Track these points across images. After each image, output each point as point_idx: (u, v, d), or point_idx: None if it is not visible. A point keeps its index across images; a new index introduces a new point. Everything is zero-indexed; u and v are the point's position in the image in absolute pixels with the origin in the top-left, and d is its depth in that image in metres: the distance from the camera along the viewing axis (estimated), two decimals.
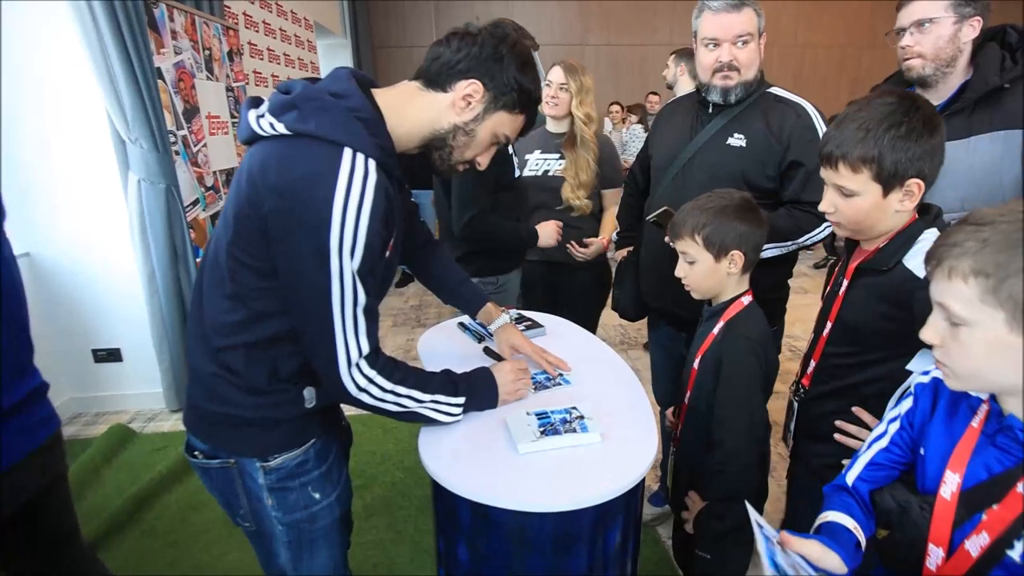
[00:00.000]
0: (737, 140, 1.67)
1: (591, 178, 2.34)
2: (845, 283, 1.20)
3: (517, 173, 2.20)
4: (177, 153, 2.96)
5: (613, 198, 2.46)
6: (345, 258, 0.93)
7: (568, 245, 2.34)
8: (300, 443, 1.10)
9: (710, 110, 1.72)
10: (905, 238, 1.10)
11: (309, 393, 1.08)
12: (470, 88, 1.04)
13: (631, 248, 2.07)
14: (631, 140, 5.89)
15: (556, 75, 2.26)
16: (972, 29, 1.39)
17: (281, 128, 0.94)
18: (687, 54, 3.50)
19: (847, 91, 7.49)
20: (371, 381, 1.02)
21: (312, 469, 1.12)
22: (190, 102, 3.11)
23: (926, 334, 0.78)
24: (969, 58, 1.43)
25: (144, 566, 2.06)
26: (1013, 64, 1.39)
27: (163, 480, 2.49)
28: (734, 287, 1.32)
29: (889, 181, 1.04)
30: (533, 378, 1.39)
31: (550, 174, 2.37)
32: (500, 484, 1.04)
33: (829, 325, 1.22)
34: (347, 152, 0.92)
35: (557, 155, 2.37)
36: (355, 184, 0.91)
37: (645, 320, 2.13)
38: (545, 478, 1.05)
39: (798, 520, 1.39)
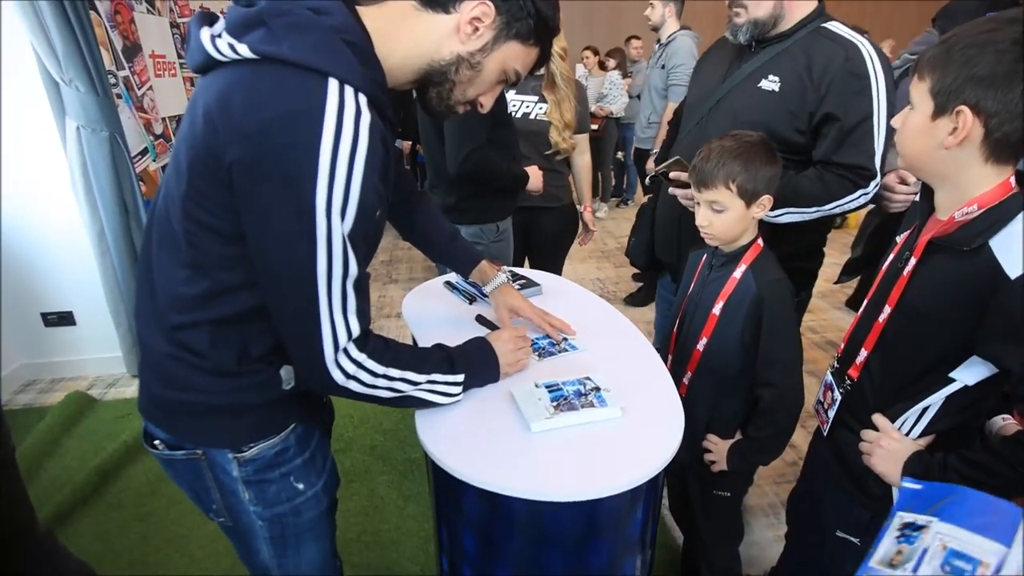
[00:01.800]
0: (770, 83, 1.42)
1: (574, 116, 2.24)
2: (913, 261, 0.97)
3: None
4: (119, 96, 2.64)
5: (583, 144, 2.44)
6: (335, 219, 0.73)
7: (578, 242, 2.56)
8: (278, 429, 0.94)
9: (752, 48, 1.48)
10: (997, 214, 0.86)
11: (286, 373, 0.91)
12: (478, 10, 0.83)
13: (651, 195, 1.90)
14: (611, 89, 5.46)
15: None
16: None
17: (244, 51, 0.72)
18: None
19: None
20: (360, 366, 0.85)
21: (293, 457, 0.96)
22: (130, 38, 2.76)
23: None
24: None
25: (113, 542, 1.91)
26: None
27: (128, 449, 2.32)
28: (752, 231, 1.28)
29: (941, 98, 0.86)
30: (535, 343, 1.25)
31: (531, 118, 2.21)
32: (511, 469, 0.90)
33: (888, 309, 1.01)
34: (333, 84, 0.72)
35: (536, 97, 2.20)
36: (346, 125, 0.71)
37: (623, 274, 2.00)
38: (563, 461, 0.92)
39: (805, 493, 1.32)
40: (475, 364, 1.06)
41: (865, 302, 1.11)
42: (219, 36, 0.74)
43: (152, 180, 2.88)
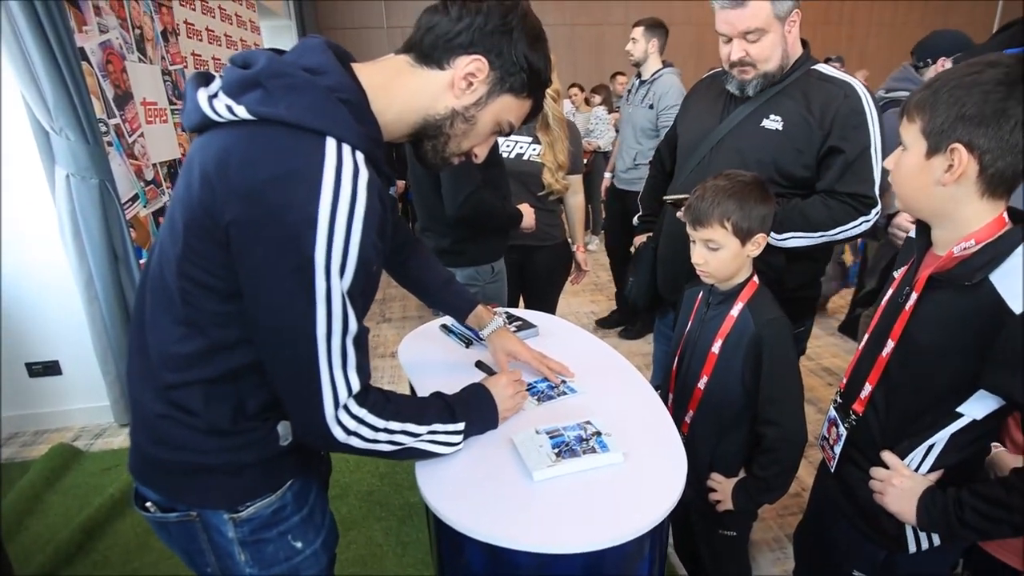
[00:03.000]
0: (773, 123, 1.49)
1: (567, 157, 2.27)
2: (915, 295, 0.98)
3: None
4: (110, 144, 2.65)
5: (576, 185, 2.47)
6: (334, 277, 0.73)
7: (571, 281, 2.57)
8: (275, 487, 0.92)
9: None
10: (996, 250, 0.88)
11: (283, 428, 0.90)
12: (473, 66, 0.85)
13: (650, 234, 1.92)
14: (596, 125, 5.57)
15: None
16: None
17: (242, 112, 0.73)
18: (658, 26, 3.24)
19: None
20: (361, 422, 0.84)
21: (291, 515, 0.94)
22: (121, 87, 2.79)
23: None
24: None
25: None
26: None
27: (115, 503, 2.24)
28: (748, 268, 1.30)
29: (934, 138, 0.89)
30: (533, 387, 1.24)
31: (525, 158, 2.24)
32: (515, 520, 0.89)
33: (891, 344, 1.01)
34: (330, 143, 0.73)
35: (530, 138, 2.23)
36: (344, 183, 0.72)
37: (603, 324, 2.02)
38: (567, 510, 0.91)
39: (814, 529, 1.30)
40: (475, 412, 1.05)
41: (866, 336, 1.12)
42: (215, 96, 0.75)
43: (142, 226, 2.87)
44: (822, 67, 1.52)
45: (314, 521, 0.98)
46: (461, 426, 1.00)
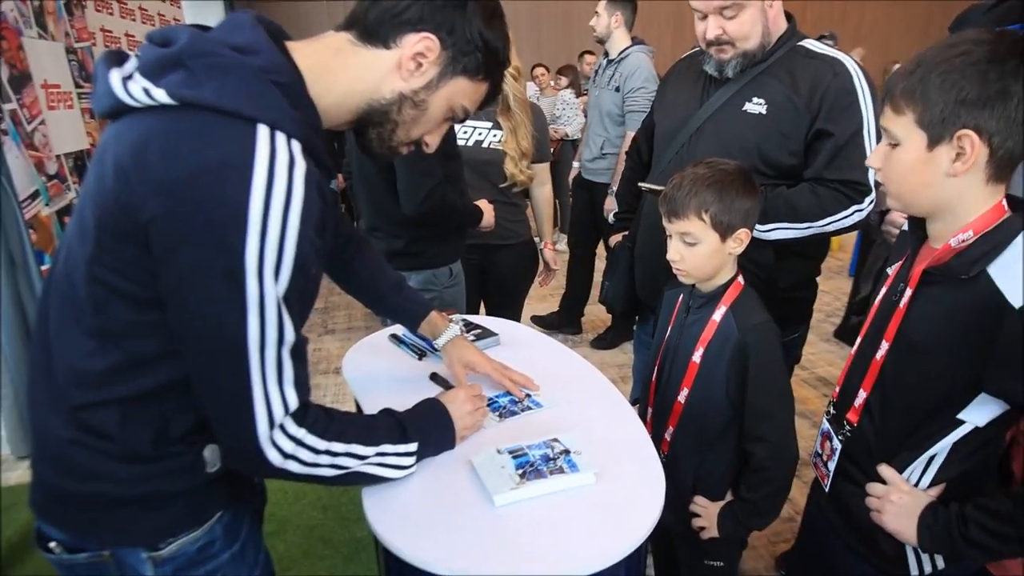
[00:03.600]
0: (756, 106, 1.52)
1: (531, 144, 2.27)
2: (909, 292, 1.00)
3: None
4: (5, 132, 2.57)
5: (543, 175, 2.47)
6: (267, 280, 0.73)
7: (539, 282, 2.60)
8: (201, 520, 0.90)
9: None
10: (994, 240, 0.90)
11: (211, 453, 0.88)
12: (422, 44, 0.86)
13: (626, 232, 1.95)
14: (563, 110, 5.65)
15: None
16: None
17: (161, 96, 0.72)
18: (622, 1, 3.28)
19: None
20: (300, 443, 0.83)
21: (220, 551, 0.93)
22: (18, 67, 2.70)
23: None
24: None
25: None
26: None
27: (12, 548, 2.18)
28: (731, 268, 1.31)
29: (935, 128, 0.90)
30: (495, 402, 1.25)
31: (484, 146, 2.24)
32: (475, 551, 0.90)
33: (885, 345, 1.03)
34: (263, 131, 0.72)
35: (489, 123, 2.24)
36: (278, 176, 0.72)
37: (588, 314, 2.03)
38: (532, 538, 0.92)
39: (807, 556, 1.33)
40: (429, 430, 1.05)
41: (859, 339, 1.14)
42: (131, 78, 0.74)
43: (44, 227, 2.79)
44: (809, 43, 1.55)
45: (246, 558, 0.97)
46: (414, 447, 1.00)
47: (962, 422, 0.97)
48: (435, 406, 1.09)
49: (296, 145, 0.75)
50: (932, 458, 1.00)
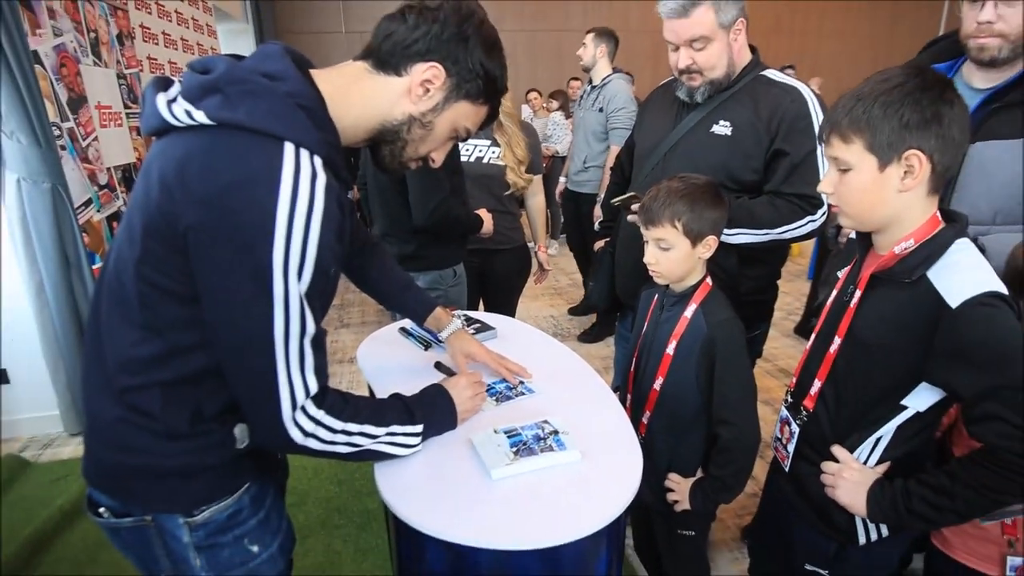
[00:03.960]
0: (722, 128, 1.53)
1: (526, 150, 2.29)
2: (858, 293, 1.02)
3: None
4: (63, 148, 2.56)
5: (536, 185, 2.48)
6: (291, 280, 0.73)
7: (534, 280, 2.56)
8: (231, 490, 0.90)
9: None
10: (932, 247, 0.93)
11: (240, 431, 0.88)
12: (429, 72, 0.86)
13: (608, 239, 1.94)
14: (554, 130, 5.65)
15: None
16: None
17: (201, 117, 0.73)
18: (607, 34, 3.33)
19: None
20: (319, 423, 0.83)
21: (247, 518, 0.92)
22: (76, 91, 2.69)
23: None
24: None
25: None
26: None
27: (64, 515, 2.15)
28: (700, 270, 1.31)
29: (884, 152, 0.91)
30: (491, 388, 1.25)
31: (484, 161, 2.25)
32: (474, 519, 0.89)
33: (838, 340, 1.05)
34: (288, 148, 0.73)
35: (488, 141, 2.24)
36: (302, 188, 0.72)
37: (574, 312, 2.02)
38: (525, 508, 0.91)
39: (767, 528, 1.33)
40: (433, 413, 1.05)
41: (814, 335, 1.16)
42: (174, 101, 0.75)
43: (96, 231, 2.78)
44: (771, 72, 1.56)
45: (270, 525, 0.97)
46: (420, 427, 1.00)
47: (905, 408, 0.98)
48: (439, 391, 1.09)
49: (318, 161, 0.75)
50: (879, 439, 1.02)
